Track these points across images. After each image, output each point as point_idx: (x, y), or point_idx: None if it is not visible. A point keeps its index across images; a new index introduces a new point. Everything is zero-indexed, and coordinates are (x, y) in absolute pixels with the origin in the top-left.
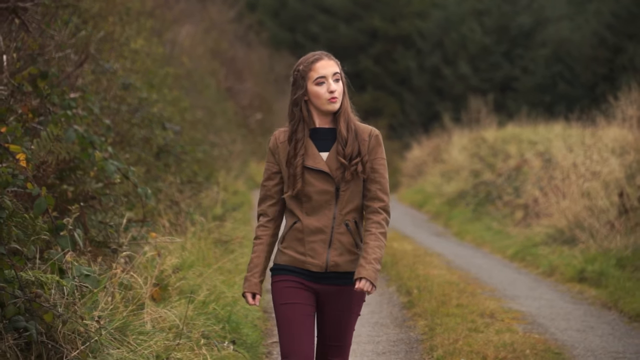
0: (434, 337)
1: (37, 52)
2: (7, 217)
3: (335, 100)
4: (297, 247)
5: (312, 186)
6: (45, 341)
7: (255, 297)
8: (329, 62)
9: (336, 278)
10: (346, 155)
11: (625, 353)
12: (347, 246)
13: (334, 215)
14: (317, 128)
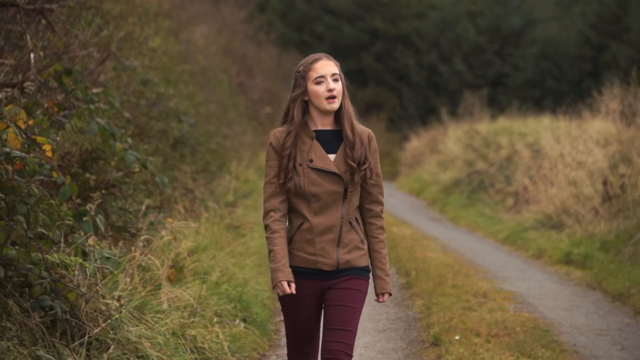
0: (430, 316)
1: (62, 51)
2: (34, 204)
3: (334, 99)
4: (307, 248)
5: (321, 187)
6: (69, 319)
7: (291, 285)
8: (328, 63)
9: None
10: (355, 159)
11: (609, 330)
12: (354, 243)
13: (342, 215)
14: (320, 130)
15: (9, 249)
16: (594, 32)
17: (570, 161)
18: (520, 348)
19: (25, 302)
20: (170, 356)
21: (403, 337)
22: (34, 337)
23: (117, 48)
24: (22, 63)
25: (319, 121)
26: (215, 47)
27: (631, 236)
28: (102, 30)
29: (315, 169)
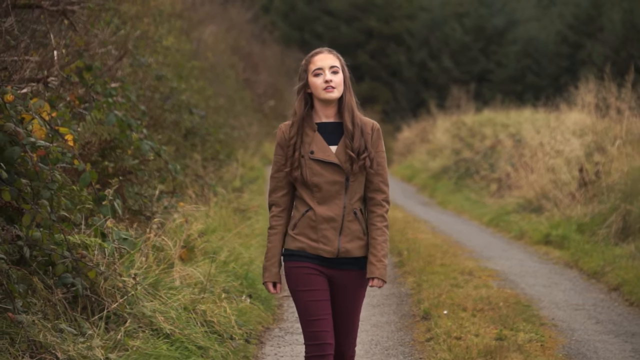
0: (421, 292)
1: (83, 48)
2: (57, 189)
3: (332, 90)
4: (310, 234)
5: (322, 177)
6: (89, 295)
7: (276, 286)
8: (328, 56)
9: (347, 263)
10: (354, 149)
11: (584, 305)
12: (356, 233)
13: (344, 205)
14: (323, 123)
15: (34, 231)
16: (571, 32)
17: (549, 150)
18: (503, 322)
19: (49, 280)
20: (182, 329)
21: (396, 312)
22: (57, 312)
23: (134, 46)
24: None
25: (322, 113)
26: (224, 45)
27: (605, 219)
28: (119, 30)
29: (317, 160)
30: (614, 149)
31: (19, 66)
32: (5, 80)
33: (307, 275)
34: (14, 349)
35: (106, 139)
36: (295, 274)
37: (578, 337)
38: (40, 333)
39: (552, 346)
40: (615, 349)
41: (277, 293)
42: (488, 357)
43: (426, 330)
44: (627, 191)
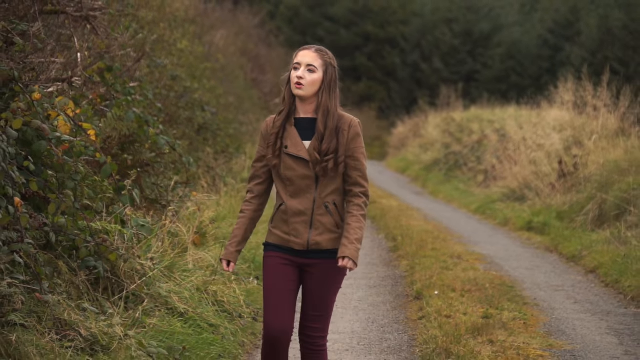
0: (414, 274)
1: (104, 51)
2: (81, 180)
3: (300, 86)
4: (283, 227)
5: (294, 171)
6: (110, 277)
7: (229, 264)
8: (310, 54)
9: (317, 254)
10: (322, 151)
11: (564, 286)
12: (327, 226)
13: (314, 199)
14: (301, 118)
15: (60, 218)
16: (551, 36)
17: (531, 144)
18: (489, 301)
19: (73, 263)
20: (195, 308)
21: (391, 292)
22: (80, 292)
23: (151, 49)
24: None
25: (301, 109)
26: (233, 48)
27: (582, 207)
28: (138, 34)
29: (289, 154)
30: (591, 143)
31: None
32: (33, 80)
33: (275, 265)
34: (41, 326)
35: (125, 133)
36: (265, 263)
37: (558, 315)
38: (65, 312)
39: (534, 324)
40: (592, 326)
41: (229, 270)
42: (475, 333)
43: (419, 309)
44: (603, 182)
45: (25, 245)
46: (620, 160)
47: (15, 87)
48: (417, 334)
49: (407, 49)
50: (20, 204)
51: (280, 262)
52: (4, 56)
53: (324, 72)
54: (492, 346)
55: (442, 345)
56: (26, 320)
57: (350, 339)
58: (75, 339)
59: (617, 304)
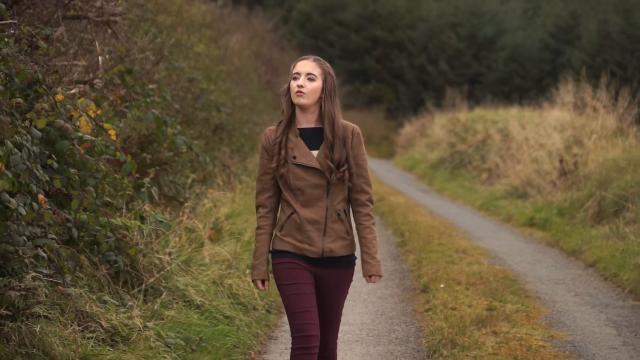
0: (421, 268)
1: (125, 55)
2: (102, 178)
3: (302, 94)
4: (296, 235)
5: (305, 181)
6: (130, 271)
7: (264, 283)
8: (309, 63)
9: (331, 262)
10: (335, 161)
11: (565, 280)
12: (340, 234)
13: (327, 207)
14: (304, 128)
15: (82, 214)
16: (552, 40)
17: (533, 143)
18: (493, 294)
19: (95, 257)
20: (211, 301)
21: (399, 286)
22: (102, 286)
23: (169, 52)
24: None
25: (303, 119)
26: (248, 52)
27: (583, 204)
28: (156, 38)
29: (299, 165)
30: (591, 143)
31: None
32: (56, 82)
33: (292, 270)
34: (63, 318)
35: (145, 134)
36: (281, 269)
37: (559, 308)
38: (87, 304)
39: (536, 316)
40: (592, 318)
41: (266, 290)
42: (480, 325)
43: (425, 302)
44: (602, 180)
45: (48, 240)
46: (619, 159)
47: (39, 89)
48: (424, 325)
49: (414, 53)
50: (44, 201)
51: (296, 266)
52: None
53: (323, 80)
54: (496, 337)
55: (448, 337)
56: (50, 313)
57: (360, 330)
58: (97, 330)
59: (615, 297)
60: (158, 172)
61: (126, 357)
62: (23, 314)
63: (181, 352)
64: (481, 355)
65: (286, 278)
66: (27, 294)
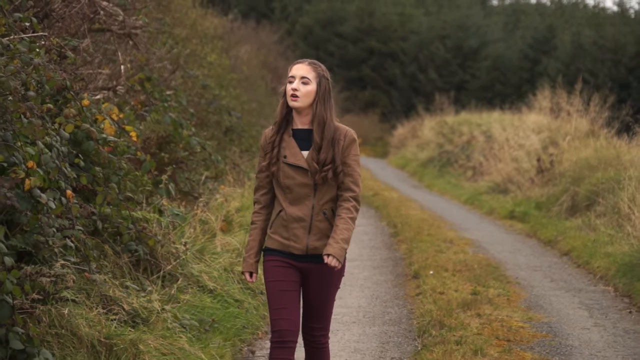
0: (412, 256)
1: (144, 64)
2: (124, 175)
3: (295, 98)
4: (282, 232)
5: (293, 180)
6: (149, 259)
7: (252, 275)
8: (303, 67)
9: (316, 258)
10: (320, 161)
11: (541, 267)
12: (324, 232)
13: (313, 206)
14: (298, 129)
15: (105, 208)
16: (530, 50)
17: (513, 144)
18: (477, 280)
19: (117, 247)
20: (222, 286)
21: (392, 272)
22: (123, 272)
23: (184, 62)
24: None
25: (298, 120)
26: (256, 61)
27: (558, 198)
28: (173, 49)
29: (288, 164)
30: (565, 143)
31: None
32: (82, 89)
33: (276, 268)
34: (89, 301)
35: (162, 135)
36: (267, 266)
37: (536, 292)
38: (110, 289)
39: (516, 299)
40: (566, 301)
41: (253, 281)
42: (465, 308)
43: (416, 287)
44: (575, 177)
45: (75, 231)
46: (591, 158)
47: (67, 95)
48: (415, 308)
49: (406, 62)
50: (71, 196)
51: (281, 264)
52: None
53: (317, 83)
54: (479, 319)
55: (436, 318)
56: (77, 297)
57: (357, 312)
58: (119, 312)
59: (587, 282)
60: (174, 170)
61: (145, 336)
62: (52, 297)
63: (195, 332)
64: (466, 335)
65: (270, 275)
66: (56, 279)
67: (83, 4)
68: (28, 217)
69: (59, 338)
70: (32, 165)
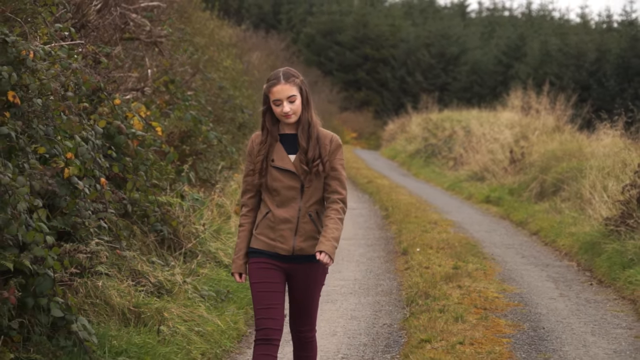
0: (401, 236)
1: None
2: (150, 165)
3: (289, 117)
4: (269, 234)
5: (281, 182)
6: (172, 238)
7: (241, 276)
8: (285, 87)
9: (302, 259)
10: (308, 160)
11: (514, 245)
12: (310, 233)
13: (300, 208)
14: (285, 134)
15: (134, 193)
16: (504, 56)
17: (489, 138)
18: (458, 256)
19: (145, 227)
20: None
21: (384, 249)
22: (150, 249)
23: (203, 66)
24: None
25: (285, 126)
26: (265, 65)
27: (528, 185)
28: (193, 55)
29: (276, 167)
30: (534, 137)
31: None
32: (114, 90)
33: (261, 270)
34: (120, 275)
35: (184, 130)
36: (252, 268)
37: (509, 267)
38: (139, 264)
39: (492, 273)
40: (535, 275)
41: (242, 282)
42: (447, 280)
43: (405, 262)
44: (543, 166)
45: (108, 214)
46: (556, 150)
47: (101, 95)
48: (404, 280)
49: (396, 66)
50: (105, 183)
51: (266, 266)
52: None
53: (300, 94)
54: (460, 290)
55: (422, 289)
56: (109, 271)
57: (353, 284)
58: (146, 284)
59: (554, 258)
60: (194, 160)
61: (169, 305)
62: (88, 271)
63: (212, 301)
64: (448, 304)
65: (255, 276)
66: (92, 256)
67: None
68: (67, 201)
69: (94, 307)
70: (70, 156)
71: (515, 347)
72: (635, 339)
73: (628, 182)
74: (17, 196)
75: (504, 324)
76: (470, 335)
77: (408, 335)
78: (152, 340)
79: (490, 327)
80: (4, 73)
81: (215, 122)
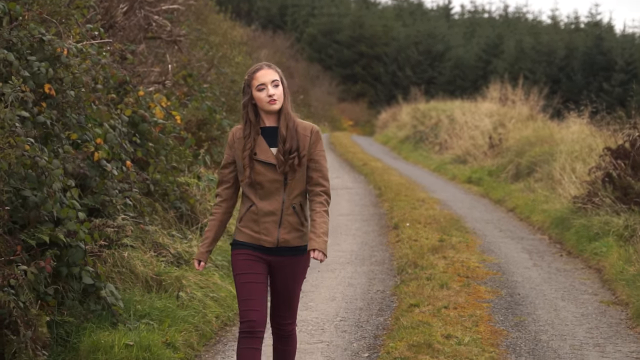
0: (393, 212)
1: (187, 63)
2: (171, 149)
3: (274, 102)
4: (253, 226)
5: (263, 176)
6: (190, 214)
7: (200, 263)
8: (268, 71)
9: (286, 251)
10: (285, 151)
11: (492, 220)
12: (294, 225)
13: (283, 200)
14: (266, 127)
15: (156, 175)
16: (484, 53)
17: (470, 125)
18: (443, 230)
19: (165, 204)
20: None
21: (377, 224)
22: (170, 224)
23: (217, 62)
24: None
25: (266, 119)
26: (273, 61)
27: (505, 167)
28: (209, 52)
29: (259, 160)
30: (511, 125)
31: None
32: (139, 83)
33: (245, 261)
34: (144, 247)
35: (200, 118)
36: (235, 260)
37: (489, 240)
38: (160, 237)
39: (473, 245)
40: (511, 247)
41: (200, 270)
42: (434, 252)
43: (396, 236)
44: (518, 150)
45: (133, 193)
46: (530, 136)
47: (127, 87)
48: (395, 252)
49: (388, 62)
50: (130, 166)
51: (250, 258)
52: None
53: (282, 82)
54: (445, 260)
55: (411, 260)
56: (134, 243)
57: (350, 255)
58: (167, 255)
59: (528, 232)
60: (210, 145)
61: (187, 274)
62: (115, 244)
63: (225, 270)
64: (434, 273)
65: (239, 268)
66: (118, 230)
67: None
68: (97, 181)
69: (120, 275)
70: (99, 142)
71: (494, 310)
72: (600, 304)
73: (594, 165)
74: (53, 177)
75: (484, 290)
76: (454, 301)
77: (399, 300)
78: (172, 304)
79: (472, 293)
80: (42, 68)
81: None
